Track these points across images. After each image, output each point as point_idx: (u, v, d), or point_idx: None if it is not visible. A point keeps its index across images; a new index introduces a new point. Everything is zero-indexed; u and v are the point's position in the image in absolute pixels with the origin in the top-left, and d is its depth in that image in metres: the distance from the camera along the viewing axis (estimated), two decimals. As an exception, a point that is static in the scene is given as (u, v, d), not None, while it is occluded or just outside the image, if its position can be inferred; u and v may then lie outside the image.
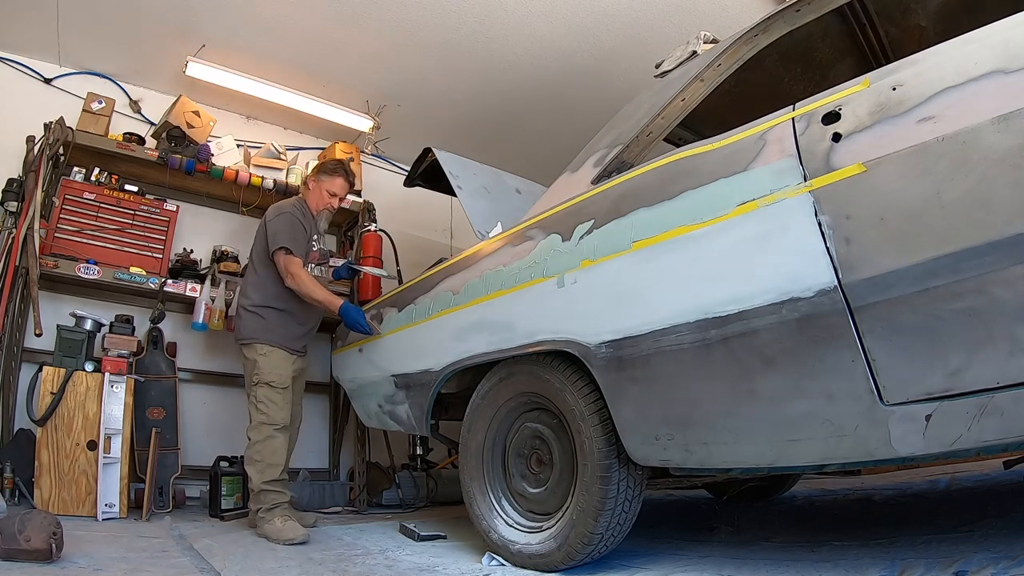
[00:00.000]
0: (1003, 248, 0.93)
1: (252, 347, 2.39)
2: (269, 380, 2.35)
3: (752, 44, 1.62)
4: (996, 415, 0.94)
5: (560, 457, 1.68)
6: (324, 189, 2.60)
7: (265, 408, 2.32)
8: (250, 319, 2.42)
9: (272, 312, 2.42)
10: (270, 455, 2.30)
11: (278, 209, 2.49)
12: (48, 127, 2.83)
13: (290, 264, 2.37)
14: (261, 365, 2.35)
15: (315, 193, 2.60)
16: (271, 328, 2.41)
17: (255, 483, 2.28)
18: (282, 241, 2.38)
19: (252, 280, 2.49)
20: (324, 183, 2.60)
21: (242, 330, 2.43)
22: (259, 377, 2.34)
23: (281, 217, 2.44)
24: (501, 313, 1.77)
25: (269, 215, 2.48)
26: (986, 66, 0.99)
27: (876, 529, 1.78)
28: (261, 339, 2.39)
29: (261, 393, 2.33)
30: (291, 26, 3.06)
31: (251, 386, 2.37)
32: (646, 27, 3.06)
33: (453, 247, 4.27)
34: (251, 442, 2.33)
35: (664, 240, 1.37)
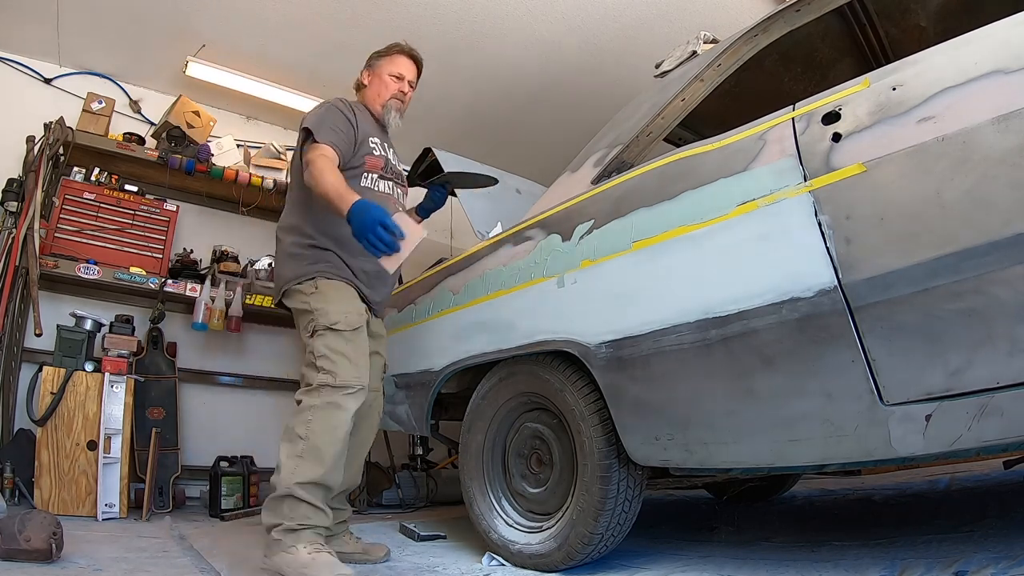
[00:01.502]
0: (1003, 248, 0.93)
1: (295, 293, 1.70)
2: (332, 322, 1.60)
3: (752, 44, 1.62)
4: (996, 415, 0.94)
5: (560, 457, 1.68)
6: (385, 74, 1.93)
7: (329, 364, 1.56)
8: (287, 262, 1.75)
9: (316, 251, 1.74)
10: (324, 433, 1.51)
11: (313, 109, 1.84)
12: (48, 127, 2.83)
13: (312, 150, 1.66)
14: (314, 305, 1.65)
15: (374, 85, 1.93)
16: (318, 261, 1.72)
17: (282, 478, 1.49)
18: (310, 123, 1.71)
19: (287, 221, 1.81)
20: (383, 67, 1.94)
21: (279, 280, 1.76)
22: (315, 323, 1.63)
23: (319, 106, 1.81)
24: (501, 313, 1.77)
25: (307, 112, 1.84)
26: (986, 66, 0.99)
27: (876, 529, 1.78)
28: (305, 274, 1.69)
29: (321, 344, 1.59)
30: (291, 26, 3.06)
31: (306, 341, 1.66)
32: (646, 27, 3.06)
33: (453, 247, 4.27)
34: (298, 408, 1.56)
35: (664, 240, 1.37)
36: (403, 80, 1.94)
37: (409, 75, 1.96)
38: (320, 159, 1.62)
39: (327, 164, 1.62)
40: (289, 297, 1.73)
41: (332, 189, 1.55)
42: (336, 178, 1.59)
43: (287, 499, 1.49)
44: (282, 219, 1.83)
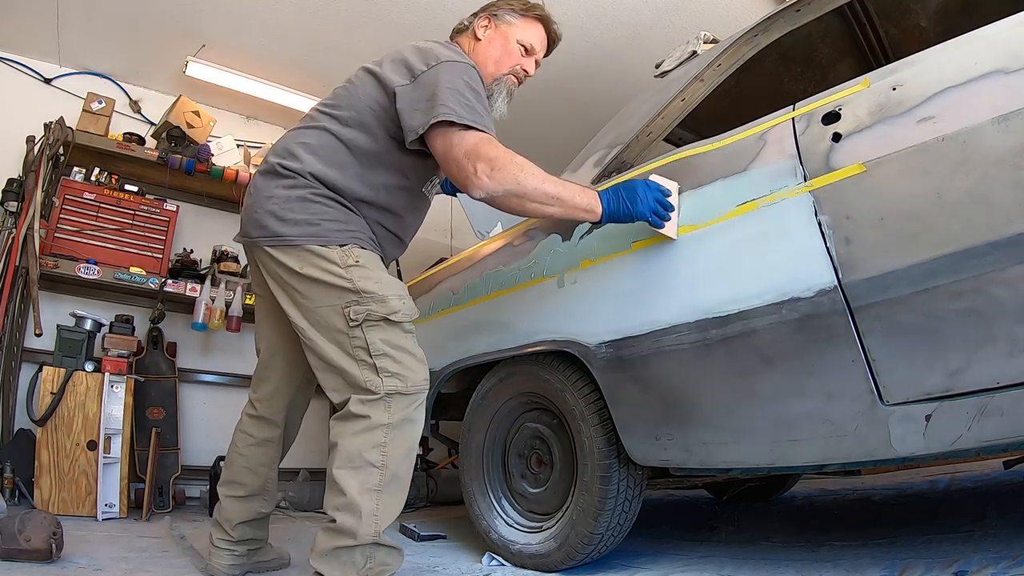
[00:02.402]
0: (1003, 248, 0.93)
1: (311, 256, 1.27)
2: (390, 311, 1.25)
3: (752, 44, 1.62)
4: (996, 415, 0.94)
5: (560, 457, 1.68)
6: (514, 39, 1.50)
7: (394, 365, 1.24)
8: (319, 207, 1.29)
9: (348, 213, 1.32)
10: (404, 459, 1.24)
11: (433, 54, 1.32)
12: (48, 127, 2.83)
13: (482, 145, 1.21)
14: (359, 284, 1.25)
15: (495, 45, 1.49)
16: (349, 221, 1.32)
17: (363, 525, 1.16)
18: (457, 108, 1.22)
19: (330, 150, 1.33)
20: (514, 29, 1.50)
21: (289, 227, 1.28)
22: (366, 309, 1.24)
23: (451, 68, 1.29)
24: (501, 313, 1.76)
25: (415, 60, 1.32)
26: (986, 66, 0.99)
27: (876, 529, 1.78)
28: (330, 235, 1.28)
29: (377, 338, 1.24)
30: (291, 26, 3.06)
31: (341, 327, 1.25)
32: (646, 27, 3.06)
33: (453, 247, 4.27)
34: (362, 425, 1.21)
35: (664, 240, 1.37)
36: (532, 56, 1.53)
37: (540, 52, 1.55)
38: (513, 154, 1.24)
39: (526, 161, 1.25)
40: (296, 255, 1.26)
41: (565, 188, 1.26)
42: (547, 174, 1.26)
43: (360, 549, 1.17)
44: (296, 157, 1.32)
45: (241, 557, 1.51)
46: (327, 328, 1.26)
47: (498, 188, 1.21)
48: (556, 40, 1.60)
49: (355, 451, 1.20)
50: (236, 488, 1.50)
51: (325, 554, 1.19)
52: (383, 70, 1.34)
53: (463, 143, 1.22)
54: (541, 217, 1.39)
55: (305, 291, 1.28)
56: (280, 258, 1.29)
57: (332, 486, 1.20)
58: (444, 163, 1.27)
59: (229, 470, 1.52)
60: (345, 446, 1.21)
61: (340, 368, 1.25)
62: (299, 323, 1.30)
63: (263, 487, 1.52)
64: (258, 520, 1.54)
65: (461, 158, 1.21)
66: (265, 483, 1.53)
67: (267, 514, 1.56)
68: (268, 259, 1.31)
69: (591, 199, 1.29)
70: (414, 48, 1.36)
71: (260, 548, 1.58)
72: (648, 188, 1.27)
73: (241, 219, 1.41)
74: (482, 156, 1.20)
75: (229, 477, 1.51)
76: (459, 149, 1.22)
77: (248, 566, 1.53)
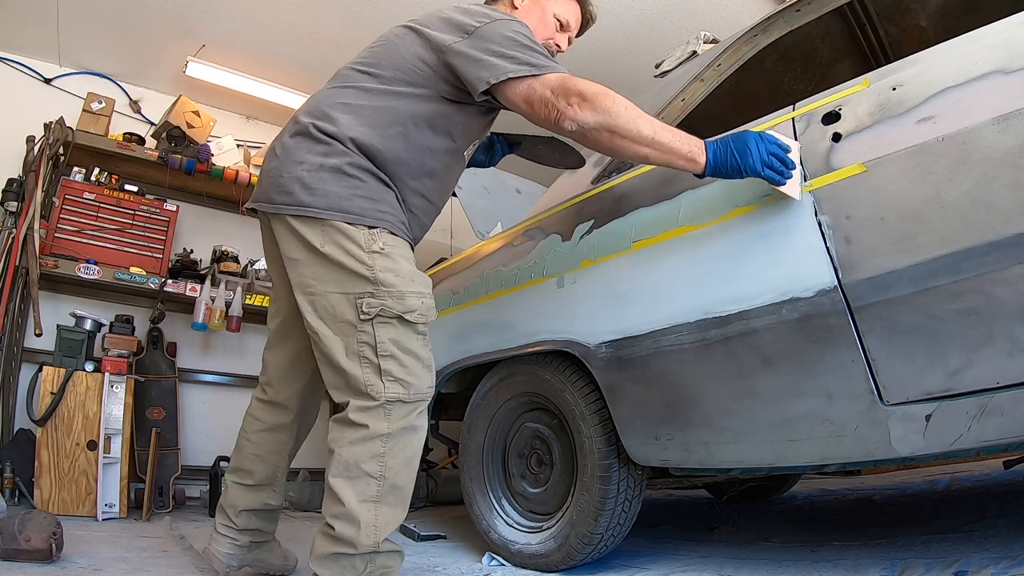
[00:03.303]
0: (1003, 248, 0.93)
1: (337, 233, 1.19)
2: (407, 309, 1.19)
3: (752, 44, 1.62)
4: (996, 415, 0.94)
5: (560, 457, 1.68)
6: (551, 13, 1.47)
7: (399, 369, 1.18)
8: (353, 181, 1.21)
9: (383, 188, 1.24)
10: (403, 469, 1.20)
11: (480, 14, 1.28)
12: (48, 127, 2.83)
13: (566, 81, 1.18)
14: (380, 274, 1.18)
15: (532, 15, 1.45)
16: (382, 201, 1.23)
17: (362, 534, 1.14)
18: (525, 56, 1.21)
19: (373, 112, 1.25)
20: (552, 1, 1.48)
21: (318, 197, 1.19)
22: (380, 303, 1.17)
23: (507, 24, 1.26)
24: (501, 313, 1.76)
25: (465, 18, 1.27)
26: (986, 66, 0.99)
27: (876, 529, 1.78)
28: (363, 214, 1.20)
29: (386, 336, 1.18)
30: (291, 26, 3.06)
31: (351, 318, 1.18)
32: (646, 27, 3.06)
33: (453, 247, 4.27)
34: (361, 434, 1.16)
35: (664, 240, 1.37)
36: (566, 32, 1.50)
37: (573, 30, 1.52)
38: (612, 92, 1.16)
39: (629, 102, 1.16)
40: (320, 232, 1.18)
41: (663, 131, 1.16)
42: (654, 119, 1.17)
43: (360, 558, 1.16)
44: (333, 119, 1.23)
45: (242, 548, 1.43)
46: (334, 318, 1.19)
47: (590, 119, 1.15)
48: (591, 20, 1.55)
49: (352, 461, 1.16)
50: (244, 476, 1.43)
51: (324, 558, 1.17)
52: (429, 28, 1.28)
53: (546, 83, 1.18)
54: (636, 159, 1.24)
55: (319, 271, 1.20)
56: (301, 230, 1.20)
57: (330, 494, 1.17)
58: (528, 107, 1.21)
59: (237, 456, 1.46)
60: (342, 454, 1.16)
61: (342, 368, 1.18)
62: (303, 307, 1.22)
63: (272, 477, 1.45)
64: (265, 512, 1.46)
65: (549, 96, 1.17)
66: (275, 473, 1.46)
67: (275, 507, 1.48)
68: (287, 230, 1.22)
69: (694, 146, 1.17)
70: (459, 8, 1.30)
71: (265, 543, 1.49)
72: (762, 140, 1.14)
73: (260, 182, 1.30)
74: (571, 90, 1.16)
75: (237, 464, 1.45)
76: (544, 90, 1.18)
77: (248, 560, 1.45)
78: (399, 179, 1.26)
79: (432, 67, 1.26)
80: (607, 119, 1.14)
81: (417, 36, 1.29)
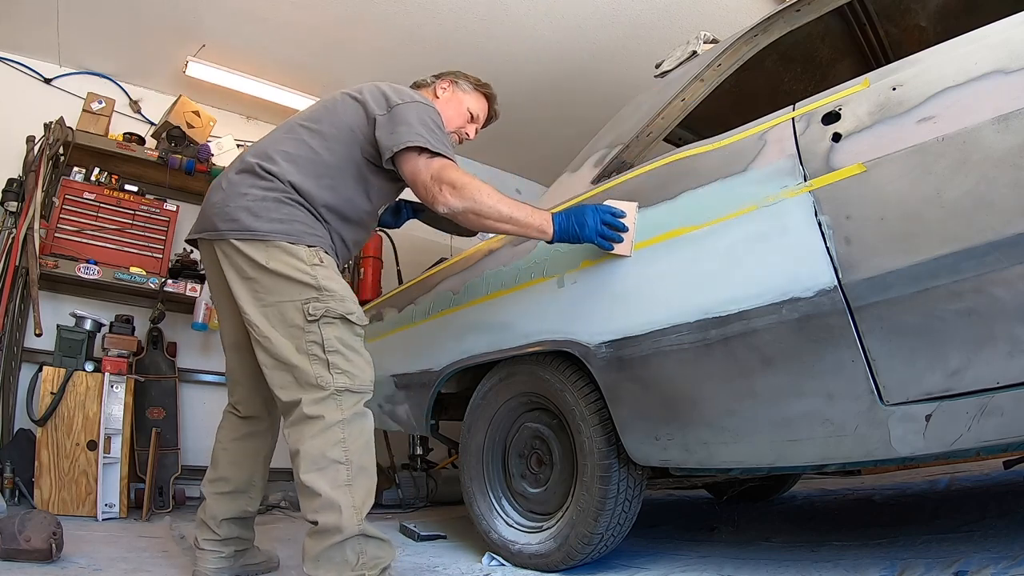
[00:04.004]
0: (1003, 248, 0.93)
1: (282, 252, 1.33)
2: (348, 311, 1.34)
3: (752, 44, 1.62)
4: (996, 415, 0.94)
5: (560, 457, 1.68)
6: (465, 106, 1.73)
7: (345, 362, 1.31)
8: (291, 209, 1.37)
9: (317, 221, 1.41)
10: (363, 450, 1.29)
11: (407, 94, 1.50)
12: (48, 127, 2.83)
13: (447, 169, 1.37)
14: (324, 283, 1.33)
15: (450, 106, 1.70)
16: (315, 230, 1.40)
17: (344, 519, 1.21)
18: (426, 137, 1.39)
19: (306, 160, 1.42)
20: (467, 97, 1.74)
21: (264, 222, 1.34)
22: (324, 306, 1.31)
23: (423, 107, 1.47)
24: (501, 313, 1.77)
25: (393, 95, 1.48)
26: (986, 66, 0.99)
27: (876, 529, 1.78)
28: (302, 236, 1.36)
29: (332, 335, 1.31)
30: (291, 26, 3.06)
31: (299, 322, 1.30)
32: (646, 27, 3.06)
33: (453, 247, 4.27)
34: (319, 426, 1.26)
35: (664, 240, 1.37)
36: (475, 123, 1.78)
37: (481, 122, 1.81)
38: (473, 177, 1.39)
39: (485, 184, 1.40)
40: (265, 249, 1.32)
41: (519, 209, 1.40)
42: (503, 195, 1.40)
43: (350, 542, 1.21)
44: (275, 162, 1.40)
45: (228, 559, 1.50)
46: (283, 323, 1.31)
47: (459, 205, 1.36)
48: (495, 117, 1.85)
49: (318, 453, 1.24)
50: (221, 484, 1.51)
51: (317, 558, 1.21)
52: (366, 99, 1.48)
53: (431, 166, 1.38)
54: (498, 233, 1.54)
55: (268, 285, 1.33)
56: (247, 251, 1.33)
57: (305, 491, 1.24)
58: (413, 182, 1.41)
59: (213, 468, 1.54)
60: (308, 450, 1.25)
61: (292, 364, 1.29)
62: (254, 319, 1.33)
63: (249, 482, 1.54)
64: (244, 519, 1.54)
65: (428, 179, 1.37)
66: (251, 478, 1.54)
67: (253, 513, 1.56)
68: (234, 252, 1.35)
69: (543, 220, 1.42)
70: (392, 87, 1.52)
71: (247, 550, 1.56)
72: (597, 212, 1.40)
73: (204, 214, 1.44)
74: (446, 178, 1.36)
75: (214, 475, 1.53)
76: (428, 171, 1.37)
77: (236, 568, 1.51)
78: (327, 220, 1.44)
79: (361, 132, 1.46)
80: (472, 205, 1.36)
81: (355, 103, 1.49)
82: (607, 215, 1.40)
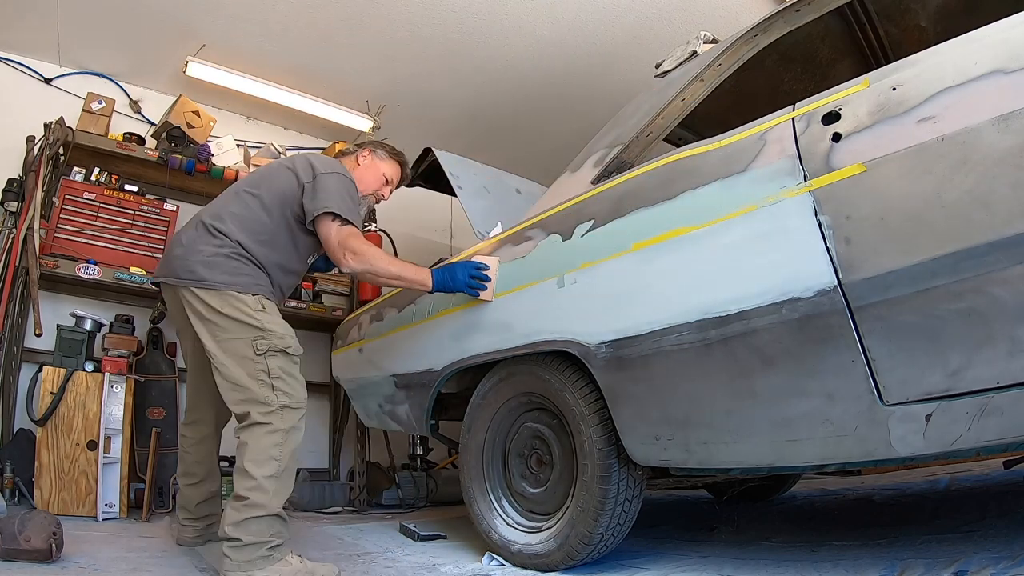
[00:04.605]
0: (1003, 248, 0.93)
1: (232, 299, 1.65)
2: (287, 345, 1.67)
3: (752, 44, 1.62)
4: (996, 415, 0.94)
5: (560, 457, 1.68)
6: (382, 171, 2.05)
7: (286, 386, 1.63)
8: (224, 262, 1.68)
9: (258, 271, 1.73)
10: (291, 457, 1.61)
11: (330, 165, 1.82)
12: (48, 127, 2.83)
13: (351, 237, 1.71)
14: (267, 325, 1.65)
15: (369, 172, 2.01)
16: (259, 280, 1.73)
17: (270, 500, 1.54)
18: (339, 205, 1.72)
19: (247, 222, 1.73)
20: (383, 164, 2.05)
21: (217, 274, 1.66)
22: (268, 343, 1.64)
23: (341, 179, 1.79)
24: (501, 313, 1.77)
25: (319, 165, 1.80)
26: (986, 66, 0.99)
27: (876, 529, 1.78)
28: (247, 286, 1.68)
29: (275, 364, 1.63)
30: (291, 26, 3.06)
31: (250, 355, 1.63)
32: (646, 27, 3.06)
33: (453, 247, 4.27)
34: (265, 428, 1.58)
35: (664, 240, 1.37)
36: (389, 186, 2.10)
37: (395, 185, 2.14)
38: (372, 248, 1.77)
39: (379, 250, 1.82)
40: (219, 297, 1.65)
41: (405, 269, 1.79)
42: (406, 266, 1.80)
43: (262, 520, 1.53)
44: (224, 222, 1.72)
45: (202, 530, 1.94)
46: (237, 356, 1.63)
47: (358, 268, 1.73)
48: (406, 179, 2.20)
49: (261, 449, 1.57)
50: (191, 478, 1.93)
51: (239, 523, 1.51)
52: (296, 168, 1.80)
53: (340, 232, 1.72)
54: (390, 287, 1.98)
55: (223, 325, 1.65)
56: (205, 298, 1.65)
57: (243, 474, 1.56)
58: (325, 243, 1.75)
59: (183, 465, 1.96)
60: (253, 445, 1.58)
61: (244, 387, 1.62)
62: (213, 351, 1.65)
63: (209, 472, 1.96)
64: (211, 499, 1.97)
65: (336, 244, 1.72)
66: (211, 469, 1.96)
67: (216, 492, 1.99)
68: (194, 298, 1.67)
69: (425, 276, 1.79)
70: (319, 158, 1.87)
71: (216, 522, 1.86)
72: (465, 268, 1.78)
73: (167, 263, 1.77)
74: (349, 246, 1.71)
75: (183, 470, 1.95)
76: (337, 237, 1.72)
77: (208, 535, 1.93)
78: (268, 271, 1.76)
79: (292, 197, 1.77)
80: (368, 268, 1.74)
81: (288, 172, 1.81)
82: (473, 269, 1.77)
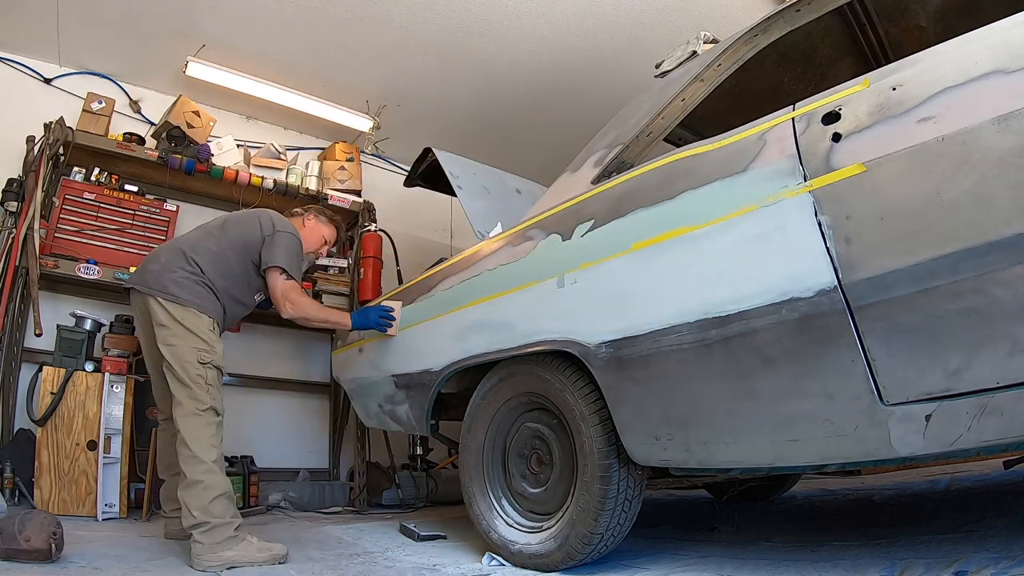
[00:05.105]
0: (1003, 248, 0.93)
1: (192, 315, 1.99)
2: (221, 363, 2.02)
3: (752, 44, 1.62)
4: (996, 415, 0.94)
5: (560, 457, 1.68)
6: (322, 234, 2.46)
7: (216, 393, 1.97)
8: (194, 286, 2.02)
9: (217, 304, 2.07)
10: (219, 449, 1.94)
11: (288, 227, 2.24)
12: (48, 127, 2.83)
13: (291, 290, 2.14)
14: (212, 343, 1.99)
15: (312, 234, 2.43)
16: (217, 310, 2.06)
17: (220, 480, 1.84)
18: (286, 263, 2.12)
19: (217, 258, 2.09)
20: (323, 227, 2.46)
21: (184, 293, 1.99)
22: (210, 357, 1.97)
23: (292, 239, 2.19)
24: (501, 313, 1.77)
25: (277, 223, 2.20)
26: (986, 66, 0.99)
27: (876, 529, 1.78)
28: (208, 310, 2.02)
29: (211, 375, 1.96)
30: (291, 26, 3.06)
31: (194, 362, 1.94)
32: (646, 27, 3.06)
33: (453, 247, 4.27)
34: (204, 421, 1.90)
35: (664, 240, 1.37)
36: (327, 245, 2.54)
37: (331, 245, 2.61)
38: (304, 298, 2.24)
39: (312, 302, 2.40)
40: (182, 310, 1.98)
41: (335, 320, 2.34)
42: (329, 312, 2.42)
43: (221, 498, 1.81)
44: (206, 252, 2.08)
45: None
46: (184, 360, 1.94)
47: (294, 314, 2.17)
48: (342, 239, 2.86)
49: (205, 437, 1.89)
50: (171, 468, 2.07)
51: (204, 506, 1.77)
52: (261, 222, 2.19)
53: (283, 285, 2.14)
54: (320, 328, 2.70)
55: (178, 332, 1.96)
56: (169, 308, 1.97)
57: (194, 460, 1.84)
58: (270, 290, 2.16)
59: (164, 461, 2.18)
60: (196, 435, 1.88)
61: (188, 386, 1.92)
62: (166, 353, 1.95)
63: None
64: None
65: (279, 294, 2.14)
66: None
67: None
68: (159, 308, 1.97)
69: (345, 319, 2.32)
70: (278, 216, 2.26)
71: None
72: (376, 310, 2.28)
73: (143, 274, 2.06)
74: (289, 297, 2.15)
75: (165, 464, 2.16)
76: (280, 288, 2.14)
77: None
78: (223, 302, 2.10)
79: (253, 245, 2.15)
80: (302, 314, 2.19)
81: (256, 223, 2.19)
82: (382, 311, 2.26)
